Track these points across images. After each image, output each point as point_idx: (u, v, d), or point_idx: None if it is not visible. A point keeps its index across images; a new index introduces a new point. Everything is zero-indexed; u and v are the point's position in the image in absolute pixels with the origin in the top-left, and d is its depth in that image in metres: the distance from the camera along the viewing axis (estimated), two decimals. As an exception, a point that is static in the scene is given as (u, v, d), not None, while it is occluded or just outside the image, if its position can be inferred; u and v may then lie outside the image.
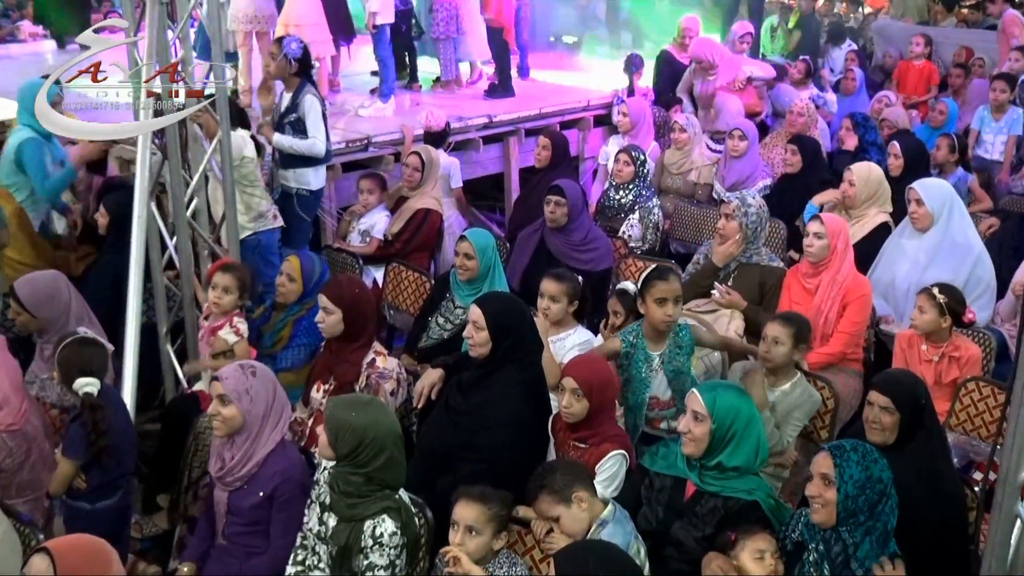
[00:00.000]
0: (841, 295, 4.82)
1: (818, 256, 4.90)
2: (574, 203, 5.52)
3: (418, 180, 6.29)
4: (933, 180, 5.70)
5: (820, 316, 4.82)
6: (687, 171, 7.20)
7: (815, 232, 4.92)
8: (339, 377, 4.07)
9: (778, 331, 4.17)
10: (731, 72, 8.25)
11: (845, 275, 4.87)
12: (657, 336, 4.20)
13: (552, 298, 4.39)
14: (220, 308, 4.57)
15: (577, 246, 5.56)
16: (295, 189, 6.27)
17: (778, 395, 4.16)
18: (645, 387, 4.16)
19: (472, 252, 4.81)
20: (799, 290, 4.97)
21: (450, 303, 4.99)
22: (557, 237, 5.57)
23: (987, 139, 8.24)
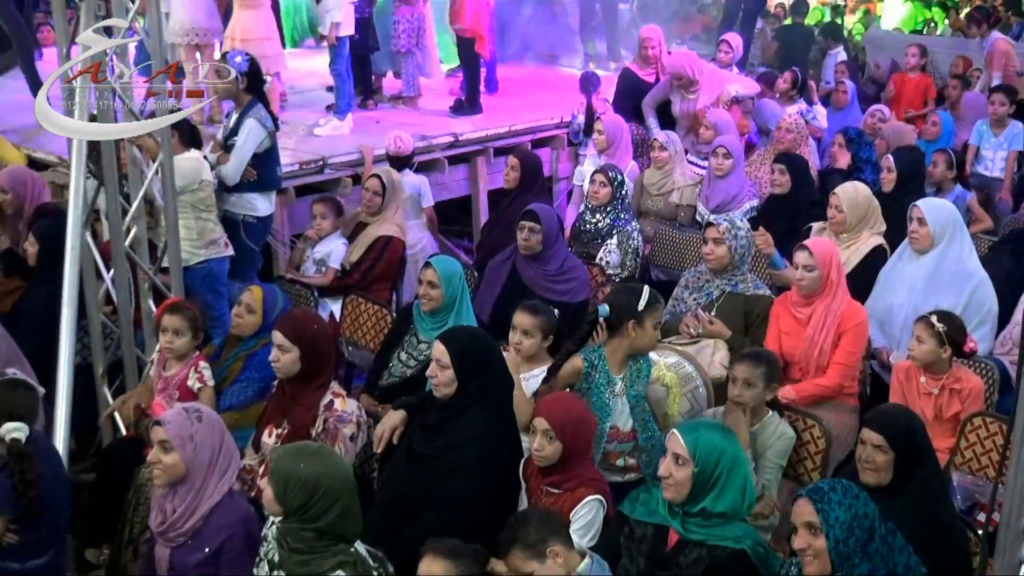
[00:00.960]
0: (836, 324, 4.85)
1: (810, 289, 4.92)
2: (549, 229, 5.55)
3: (378, 205, 6.29)
4: (938, 201, 5.77)
5: (814, 347, 4.85)
6: (668, 192, 7.25)
7: (804, 264, 4.92)
8: (294, 421, 4.05)
9: (748, 372, 4.18)
10: (715, 89, 8.30)
11: (840, 303, 4.90)
12: (622, 360, 4.22)
13: (525, 332, 4.40)
14: (174, 353, 4.55)
15: (552, 276, 5.58)
16: (241, 216, 6.27)
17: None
18: (606, 415, 4.15)
19: (436, 281, 4.81)
20: (789, 320, 5.00)
21: (413, 338, 4.98)
22: (530, 266, 5.59)
23: (986, 155, 8.38)
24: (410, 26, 9.09)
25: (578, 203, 7.45)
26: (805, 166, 7.00)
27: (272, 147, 6.27)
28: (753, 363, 4.20)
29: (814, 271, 4.89)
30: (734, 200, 6.98)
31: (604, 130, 7.49)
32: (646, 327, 4.21)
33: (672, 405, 4.43)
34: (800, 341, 4.89)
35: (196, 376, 4.52)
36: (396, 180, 6.43)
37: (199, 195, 5.88)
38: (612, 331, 4.23)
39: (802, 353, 4.88)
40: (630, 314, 4.19)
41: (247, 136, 6.09)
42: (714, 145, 7.20)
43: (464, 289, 4.91)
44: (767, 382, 4.20)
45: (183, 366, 4.57)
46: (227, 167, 6.08)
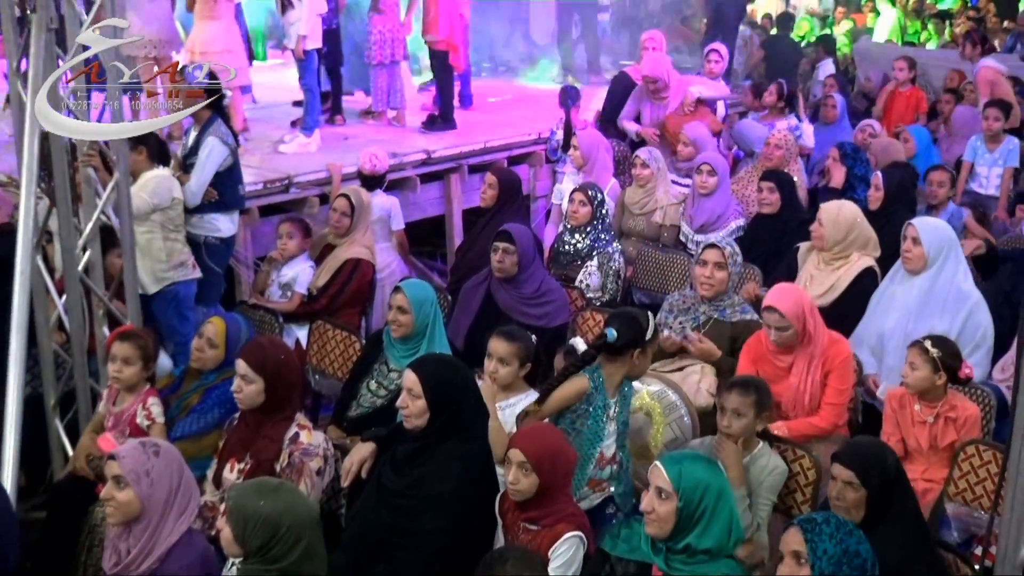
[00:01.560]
0: (820, 365, 4.83)
1: (786, 345, 4.84)
2: (525, 251, 5.56)
3: (347, 226, 6.30)
4: (935, 220, 5.79)
5: (802, 396, 4.82)
6: (651, 211, 7.27)
7: (776, 327, 4.79)
8: (257, 455, 4.04)
9: (737, 402, 4.18)
10: (680, 94, 8.37)
11: (821, 347, 4.83)
12: (617, 384, 4.24)
13: (501, 360, 4.40)
14: (122, 383, 4.52)
15: (529, 299, 5.59)
16: (203, 237, 6.25)
17: None
18: (599, 439, 4.17)
19: (406, 306, 4.82)
20: (769, 367, 4.93)
21: (383, 366, 4.98)
22: (506, 290, 5.60)
23: (981, 172, 8.46)
24: (383, 37, 9.12)
25: (557, 223, 7.47)
26: (792, 184, 7.05)
27: (234, 165, 6.26)
28: (742, 392, 4.21)
29: (788, 330, 4.78)
30: (719, 220, 7.00)
31: (579, 146, 7.52)
32: (648, 355, 4.25)
33: (655, 435, 4.44)
34: (784, 388, 4.86)
35: (144, 413, 4.50)
36: (365, 200, 6.43)
37: (169, 214, 5.88)
38: (614, 356, 4.24)
39: (788, 400, 4.87)
40: (636, 342, 4.22)
41: (208, 154, 6.08)
42: (698, 162, 7.22)
43: (437, 314, 4.91)
44: (758, 411, 4.20)
45: (133, 400, 4.54)
46: (188, 187, 6.07)
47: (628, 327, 4.21)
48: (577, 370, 4.17)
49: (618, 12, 13.46)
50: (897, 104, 10.27)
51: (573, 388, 4.18)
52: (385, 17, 9.12)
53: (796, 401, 4.81)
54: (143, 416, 4.50)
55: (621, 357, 4.22)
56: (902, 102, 10.19)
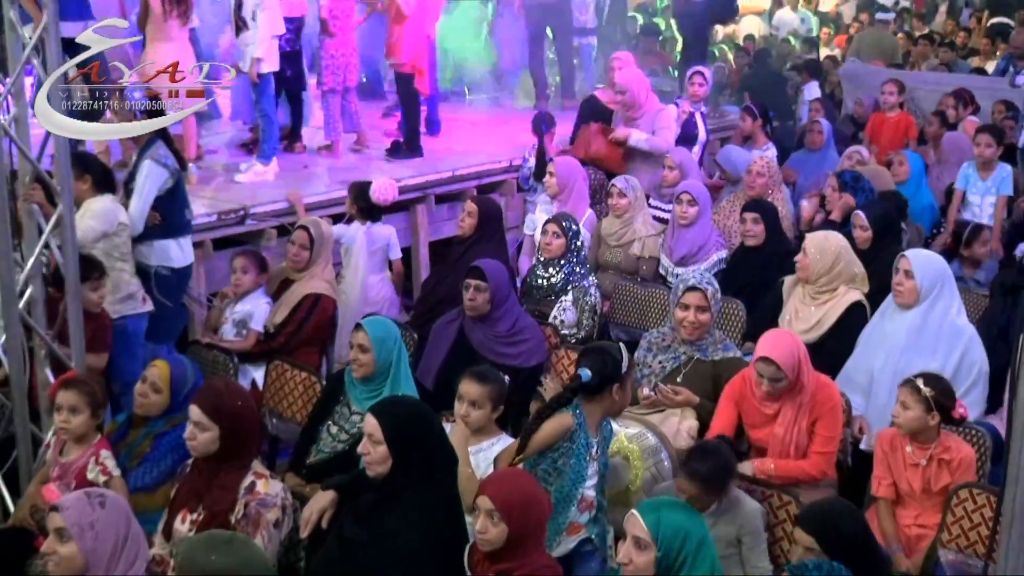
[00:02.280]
0: (808, 412, 4.84)
1: (775, 393, 4.85)
2: (497, 287, 5.58)
3: (305, 259, 6.29)
4: (928, 253, 5.85)
5: (788, 446, 4.83)
6: (629, 243, 7.31)
7: (771, 378, 4.78)
8: (210, 505, 4.01)
9: (685, 488, 4.14)
10: (650, 121, 8.46)
11: (809, 392, 4.84)
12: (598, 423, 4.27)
13: (472, 402, 4.41)
14: (71, 434, 4.48)
15: (503, 338, 5.61)
16: (153, 268, 6.22)
17: (706, 517, 4.16)
18: (582, 479, 4.19)
19: (367, 344, 4.82)
20: (754, 412, 4.94)
21: (345, 408, 4.97)
22: (479, 328, 5.61)
23: (973, 200, 8.52)
24: (337, 62, 9.15)
25: (530, 255, 7.49)
26: (777, 214, 7.08)
27: (176, 187, 6.20)
28: (691, 480, 4.16)
29: (783, 381, 4.78)
30: (700, 252, 7.04)
31: (556, 173, 7.54)
32: (627, 389, 4.27)
33: (633, 480, 4.45)
34: (769, 435, 4.88)
35: (99, 468, 4.45)
36: (325, 232, 6.43)
37: (114, 241, 5.85)
38: (592, 395, 4.25)
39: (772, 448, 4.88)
40: (613, 378, 4.23)
41: (145, 177, 6.05)
42: (678, 191, 7.27)
43: (401, 354, 4.91)
44: (714, 494, 4.18)
45: (82, 451, 4.49)
46: (130, 213, 6.04)
47: (602, 364, 4.22)
48: (553, 413, 4.18)
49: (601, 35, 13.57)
50: (886, 130, 10.34)
51: (558, 426, 4.19)
52: (337, 41, 9.15)
53: (781, 451, 4.83)
54: (97, 471, 4.44)
55: (600, 395, 4.24)
56: (890, 128, 10.27)
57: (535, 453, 4.19)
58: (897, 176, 8.56)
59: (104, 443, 4.54)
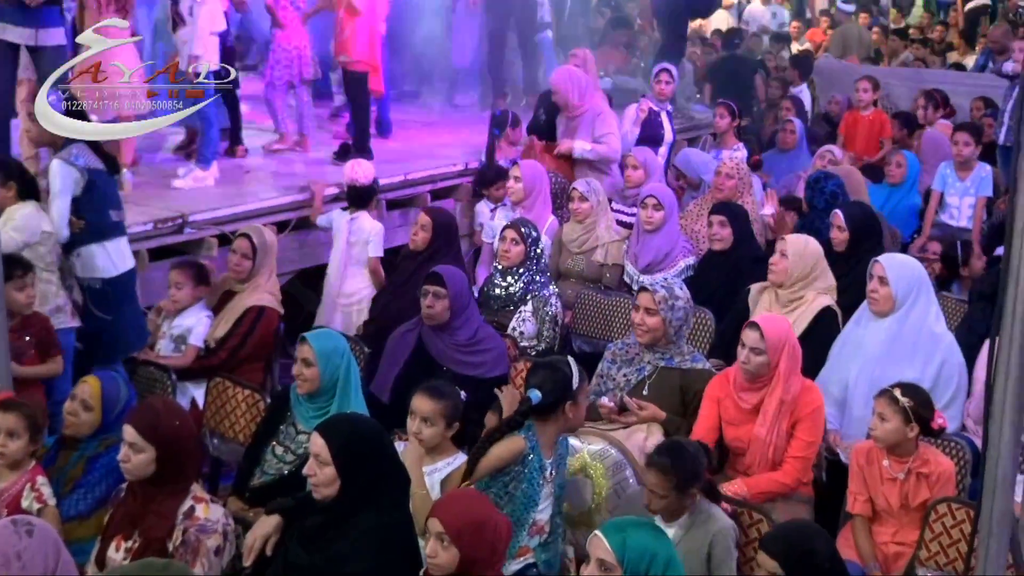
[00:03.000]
0: (789, 411, 4.92)
1: (755, 373, 4.97)
2: (457, 295, 5.60)
3: (248, 270, 6.27)
4: (903, 257, 5.89)
5: (767, 447, 4.90)
6: (591, 249, 7.32)
7: (751, 347, 4.93)
8: (146, 532, 3.98)
9: (654, 483, 4.17)
10: (588, 127, 8.52)
11: (792, 391, 4.94)
12: (552, 443, 4.28)
13: (425, 419, 4.40)
14: (6, 460, 4.43)
15: (464, 347, 5.64)
16: (85, 281, 6.17)
17: (674, 531, 4.19)
18: (533, 504, 4.21)
19: (311, 358, 4.80)
20: (733, 408, 5.02)
21: (291, 427, 4.95)
22: (439, 337, 5.64)
23: (952, 202, 8.62)
24: (287, 55, 9.13)
25: (488, 263, 7.50)
26: (746, 217, 7.11)
27: (92, 187, 6.07)
28: (661, 474, 4.18)
29: (762, 355, 4.91)
30: (667, 258, 7.08)
31: (522, 177, 7.56)
32: (580, 404, 4.28)
33: (596, 499, 4.46)
34: (746, 434, 4.94)
35: (34, 495, 4.40)
36: (268, 240, 6.41)
37: (39, 251, 5.78)
38: (545, 414, 4.27)
39: (751, 452, 4.95)
40: (565, 395, 4.25)
41: (54, 178, 5.96)
42: (643, 194, 7.31)
43: (350, 368, 4.89)
44: (682, 488, 4.19)
45: (17, 478, 4.43)
46: (51, 217, 5.98)
47: (552, 382, 4.25)
48: (502, 436, 4.19)
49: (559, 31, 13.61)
50: (860, 129, 10.43)
51: (508, 450, 4.20)
52: (288, 33, 9.13)
53: (758, 452, 4.87)
54: (32, 499, 4.39)
55: (552, 414, 4.25)
56: (865, 127, 10.36)
57: (484, 477, 4.20)
58: (893, 177, 8.67)
59: (39, 469, 4.48)
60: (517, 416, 4.24)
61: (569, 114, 8.61)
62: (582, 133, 8.54)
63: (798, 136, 9.77)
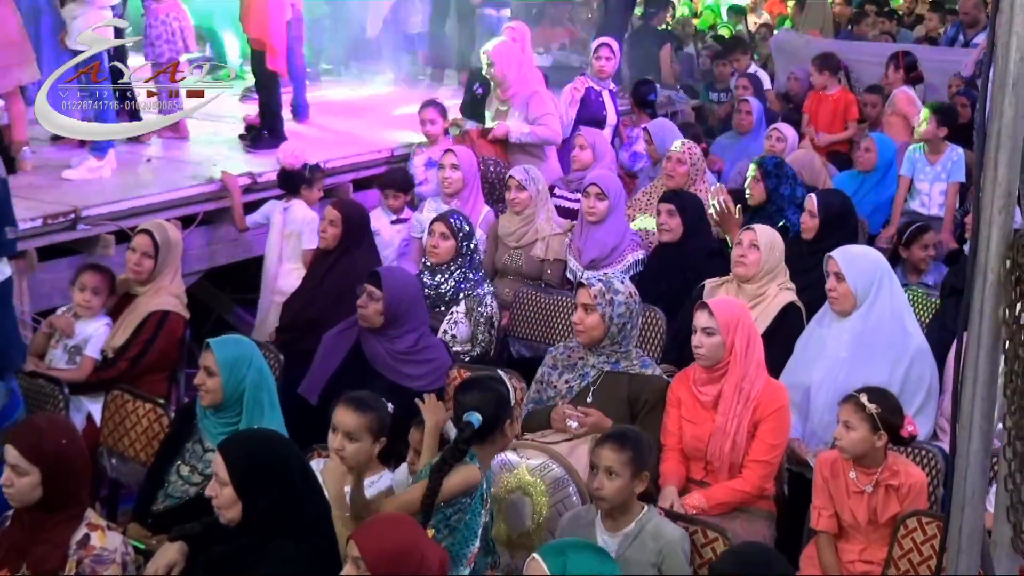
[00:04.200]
0: (751, 409, 4.96)
1: (711, 359, 5.03)
2: (394, 299, 5.62)
3: (149, 270, 6.20)
4: (858, 249, 5.93)
5: (725, 440, 4.95)
6: (530, 244, 7.35)
7: (703, 327, 5.03)
8: (36, 563, 3.95)
9: (610, 458, 4.23)
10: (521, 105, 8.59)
11: (753, 381, 5.01)
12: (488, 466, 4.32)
13: (349, 435, 4.39)
14: None
15: (403, 356, 5.66)
16: None
17: (620, 541, 4.24)
18: (474, 536, 4.23)
19: (213, 366, 4.78)
20: (691, 403, 5.10)
21: (198, 445, 4.94)
22: (378, 341, 5.66)
23: (922, 188, 8.70)
24: (167, 28, 9.00)
25: (417, 261, 7.49)
26: (699, 206, 7.13)
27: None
28: (617, 446, 4.26)
29: (714, 335, 5.00)
30: (613, 253, 7.10)
31: (460, 165, 7.55)
32: (516, 420, 4.30)
33: (536, 519, 4.47)
34: (706, 431, 4.99)
35: None
36: (172, 237, 6.35)
37: None
38: (483, 437, 4.28)
39: (710, 447, 4.99)
40: (500, 416, 4.30)
41: None
42: (586, 182, 7.33)
43: (262, 377, 4.87)
44: (635, 469, 4.25)
45: None
46: None
47: (490, 404, 4.27)
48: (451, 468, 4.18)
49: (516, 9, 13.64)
50: (822, 111, 10.50)
51: (464, 481, 4.20)
52: (166, 4, 9.00)
53: (718, 449, 4.94)
54: None
55: (491, 435, 4.29)
56: (828, 108, 10.43)
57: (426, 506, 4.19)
58: (862, 164, 8.70)
59: None
60: (461, 444, 4.22)
61: (503, 93, 8.65)
62: (516, 114, 8.58)
63: (755, 118, 9.79)
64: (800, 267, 6.31)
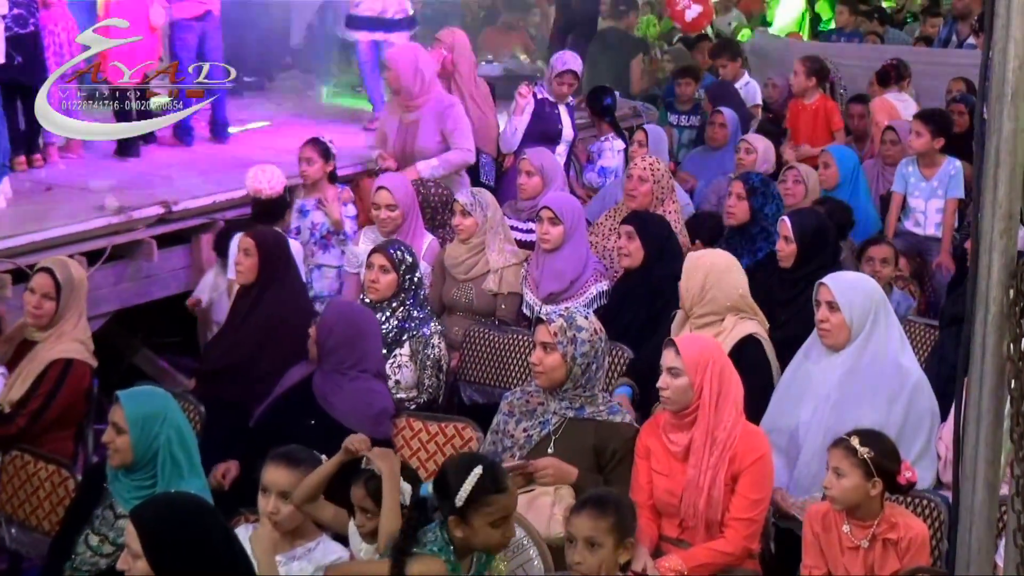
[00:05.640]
0: (727, 459, 4.94)
1: (676, 403, 5.01)
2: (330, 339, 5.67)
3: (50, 313, 6.15)
4: (853, 276, 5.95)
5: (699, 495, 4.94)
6: (480, 276, 7.34)
7: (668, 367, 5.02)
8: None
9: (589, 527, 4.21)
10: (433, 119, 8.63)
11: (728, 429, 4.98)
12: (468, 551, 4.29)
13: (282, 495, 4.41)
14: None
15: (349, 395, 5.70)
16: None
17: None
18: None
19: (122, 422, 4.76)
20: (661, 453, 5.08)
21: (108, 511, 4.92)
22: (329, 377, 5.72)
23: (916, 206, 8.71)
24: (55, 40, 8.95)
25: (354, 299, 7.46)
26: (664, 228, 7.12)
27: None
28: (596, 512, 4.23)
29: (681, 377, 4.98)
30: (574, 285, 7.11)
31: (397, 201, 7.40)
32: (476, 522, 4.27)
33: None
34: (679, 484, 4.98)
35: None
36: (75, 276, 6.30)
37: None
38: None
39: (683, 502, 4.98)
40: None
41: None
42: (540, 205, 7.34)
43: (181, 433, 4.85)
44: (618, 537, 4.23)
45: None
46: None
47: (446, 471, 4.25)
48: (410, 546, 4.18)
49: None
50: (803, 121, 10.55)
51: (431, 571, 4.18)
52: (54, 12, 8.90)
53: (691, 505, 4.93)
54: None
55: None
56: (808, 118, 10.50)
57: None
58: (824, 181, 8.66)
59: None
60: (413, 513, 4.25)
61: (407, 102, 8.62)
62: (425, 131, 8.57)
63: (730, 130, 9.79)
64: (780, 298, 6.33)
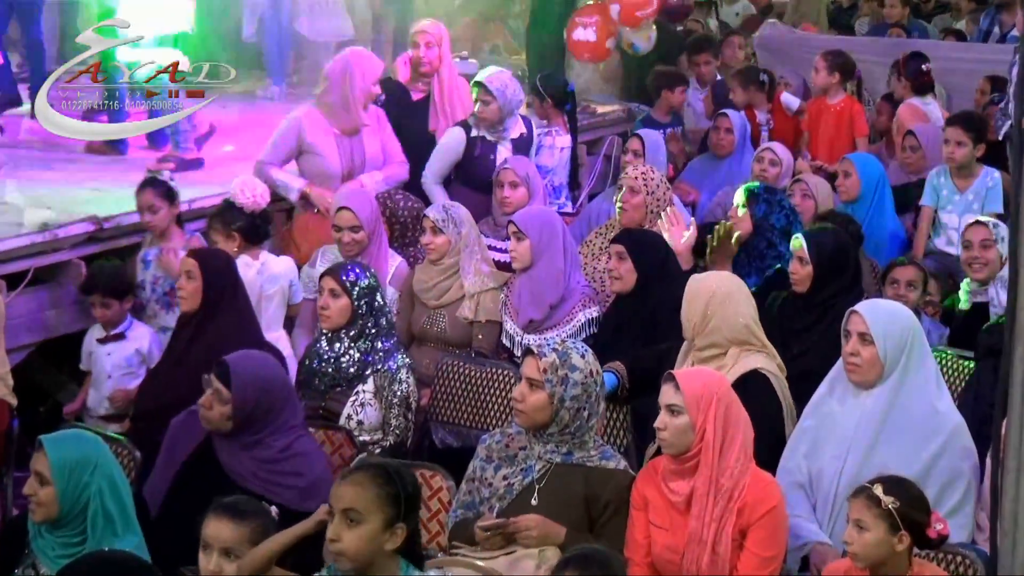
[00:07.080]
0: (735, 511, 4.93)
1: (675, 446, 5.00)
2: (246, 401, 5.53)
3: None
4: (889, 306, 5.90)
5: (703, 551, 4.92)
6: (454, 302, 7.35)
7: (667, 404, 5.00)
8: None
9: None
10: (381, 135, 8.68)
11: (735, 476, 4.97)
12: None
13: (227, 552, 4.40)
14: None
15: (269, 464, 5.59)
16: None
17: None
18: None
19: (46, 472, 4.75)
20: (662, 506, 5.05)
21: (31, 571, 4.91)
22: (232, 447, 5.60)
23: (949, 222, 8.68)
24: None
25: (310, 328, 7.46)
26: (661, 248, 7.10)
27: None
28: (580, 573, 4.20)
29: (681, 416, 4.97)
30: (558, 311, 7.11)
31: (361, 221, 7.36)
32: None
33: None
34: (680, 539, 4.97)
35: None
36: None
37: None
38: None
39: (685, 560, 4.96)
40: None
41: None
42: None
43: (113, 483, 4.86)
44: None
45: None
46: None
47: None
48: None
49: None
50: (824, 123, 10.54)
51: None
52: None
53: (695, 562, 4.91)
54: None
55: None
56: (831, 121, 10.47)
57: None
58: (844, 192, 8.66)
59: None
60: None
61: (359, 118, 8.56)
62: (370, 141, 8.60)
63: (737, 137, 9.76)
64: (794, 327, 6.32)
